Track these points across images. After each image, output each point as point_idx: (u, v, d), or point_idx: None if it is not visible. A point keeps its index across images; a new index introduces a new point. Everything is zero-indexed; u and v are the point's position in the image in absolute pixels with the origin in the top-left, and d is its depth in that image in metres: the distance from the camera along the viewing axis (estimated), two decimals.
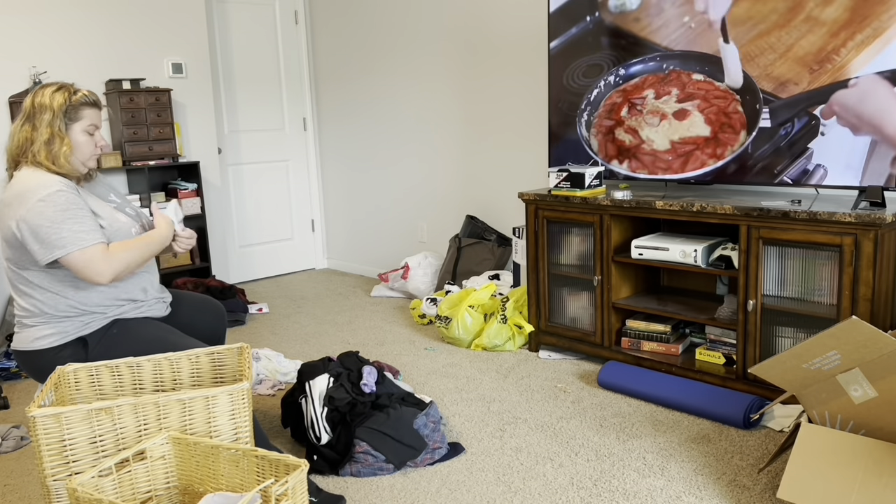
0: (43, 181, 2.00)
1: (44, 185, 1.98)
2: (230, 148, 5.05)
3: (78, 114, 2.08)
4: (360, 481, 2.31)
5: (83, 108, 2.09)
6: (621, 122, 3.15)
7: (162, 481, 1.70)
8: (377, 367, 2.61)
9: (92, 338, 2.07)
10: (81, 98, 2.08)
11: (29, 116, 2.06)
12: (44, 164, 2.03)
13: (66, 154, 2.05)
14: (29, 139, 2.04)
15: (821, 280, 2.54)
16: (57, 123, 2.04)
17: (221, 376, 2.02)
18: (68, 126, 2.06)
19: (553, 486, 2.24)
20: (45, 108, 2.04)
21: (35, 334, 2.05)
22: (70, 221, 1.96)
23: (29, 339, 2.05)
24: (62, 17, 4.10)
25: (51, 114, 2.04)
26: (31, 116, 2.06)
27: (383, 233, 5.12)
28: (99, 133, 2.14)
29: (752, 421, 2.55)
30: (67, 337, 2.05)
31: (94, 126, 2.12)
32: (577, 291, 3.27)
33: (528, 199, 3.31)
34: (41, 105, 2.05)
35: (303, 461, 1.55)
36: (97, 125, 2.13)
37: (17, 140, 2.06)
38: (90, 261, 1.96)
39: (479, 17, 4.16)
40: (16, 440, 2.64)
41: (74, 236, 1.95)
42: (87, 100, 2.10)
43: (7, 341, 3.59)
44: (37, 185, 1.98)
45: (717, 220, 2.72)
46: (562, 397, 2.91)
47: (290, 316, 4.30)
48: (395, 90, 4.79)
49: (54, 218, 1.95)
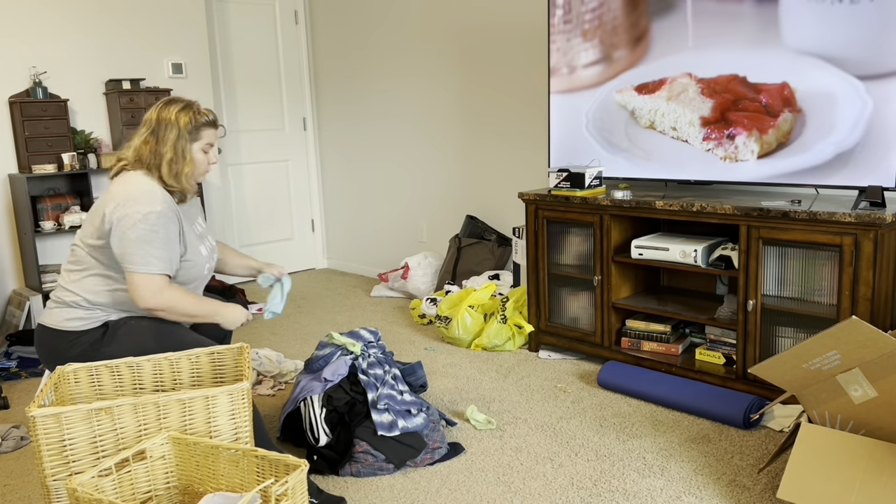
0: (151, 192, 2.05)
1: (149, 198, 2.04)
2: (230, 148, 5.05)
3: (199, 133, 2.14)
4: (360, 481, 2.31)
5: (204, 129, 2.14)
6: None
7: (162, 481, 1.70)
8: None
9: (114, 324, 2.12)
10: (203, 118, 2.14)
11: (153, 131, 2.11)
12: (164, 181, 2.10)
13: (188, 174, 2.12)
14: (153, 153, 2.10)
15: (821, 280, 2.54)
16: (181, 144, 2.10)
17: (221, 376, 2.02)
18: (191, 146, 2.12)
19: (553, 486, 2.24)
20: (171, 125, 2.09)
21: (69, 314, 2.09)
22: (151, 245, 2.01)
23: (61, 319, 2.10)
24: (62, 17, 4.10)
25: (176, 132, 2.09)
26: (156, 131, 2.11)
27: (383, 233, 5.12)
28: (213, 150, 2.20)
29: (752, 421, 2.55)
30: (94, 323, 2.10)
31: (209, 145, 2.17)
32: (577, 291, 3.27)
33: (528, 199, 3.31)
34: (167, 121, 2.10)
35: (303, 461, 1.55)
36: (212, 143, 2.19)
37: (140, 151, 2.11)
38: (145, 286, 2.02)
39: (478, 16, 4.16)
40: (16, 440, 2.64)
41: (146, 259, 2.01)
42: (208, 119, 2.16)
43: (7, 341, 3.59)
44: (144, 195, 2.04)
45: (717, 220, 2.72)
46: (562, 397, 2.91)
47: (290, 316, 4.30)
48: (395, 90, 4.79)
49: (140, 236, 2.00)
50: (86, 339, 2.09)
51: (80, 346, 2.08)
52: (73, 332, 2.09)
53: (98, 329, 2.10)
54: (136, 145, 2.13)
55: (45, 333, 2.13)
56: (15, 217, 3.99)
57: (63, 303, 2.12)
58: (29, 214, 3.78)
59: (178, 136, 2.10)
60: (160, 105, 2.14)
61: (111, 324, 2.11)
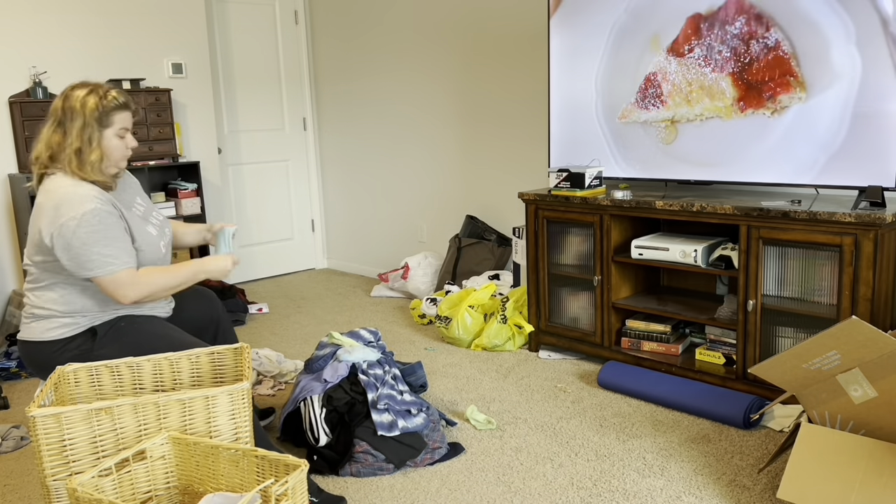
0: (79, 194, 1.97)
1: (79, 200, 1.95)
2: (230, 148, 5.05)
3: (109, 119, 2.04)
4: (360, 481, 2.31)
5: (114, 113, 2.04)
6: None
7: (162, 481, 1.70)
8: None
9: (101, 328, 2.09)
10: (112, 102, 2.04)
11: (59, 121, 2.02)
12: (76, 174, 2.01)
13: (95, 163, 2.02)
14: (60, 145, 2.01)
15: (821, 280, 2.54)
16: (88, 132, 2.00)
17: (221, 376, 2.02)
18: (101, 133, 2.03)
19: (553, 486, 2.24)
20: (77, 113, 2.00)
21: (47, 325, 2.06)
22: (100, 244, 1.95)
23: (40, 331, 2.07)
24: (62, 17, 4.10)
25: (82, 120, 2.00)
26: (62, 122, 2.02)
27: (383, 233, 5.12)
28: (129, 135, 2.11)
29: (752, 421, 2.55)
30: (78, 329, 2.07)
31: (125, 129, 2.08)
32: (577, 291, 3.27)
33: (528, 199, 3.31)
34: (72, 109, 2.00)
35: (303, 461, 1.55)
36: (128, 128, 2.09)
37: (49, 144, 2.03)
38: (117, 285, 1.98)
39: (479, 16, 4.16)
40: (16, 440, 2.64)
41: (103, 260, 1.96)
42: (118, 103, 2.05)
43: (7, 341, 3.59)
44: (72, 198, 1.96)
45: (717, 220, 2.72)
46: (562, 397, 2.91)
47: (290, 316, 4.30)
48: (396, 90, 4.79)
49: (86, 240, 1.94)
50: (74, 346, 2.06)
51: (69, 352, 2.05)
52: (57, 340, 2.05)
53: (85, 334, 2.07)
54: (46, 138, 2.03)
55: (29, 348, 2.09)
56: (15, 217, 3.99)
57: (36, 316, 2.08)
58: (29, 214, 3.77)
59: (83, 125, 2.00)
60: (65, 91, 2.04)
61: (98, 328, 2.08)
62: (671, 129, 3.00)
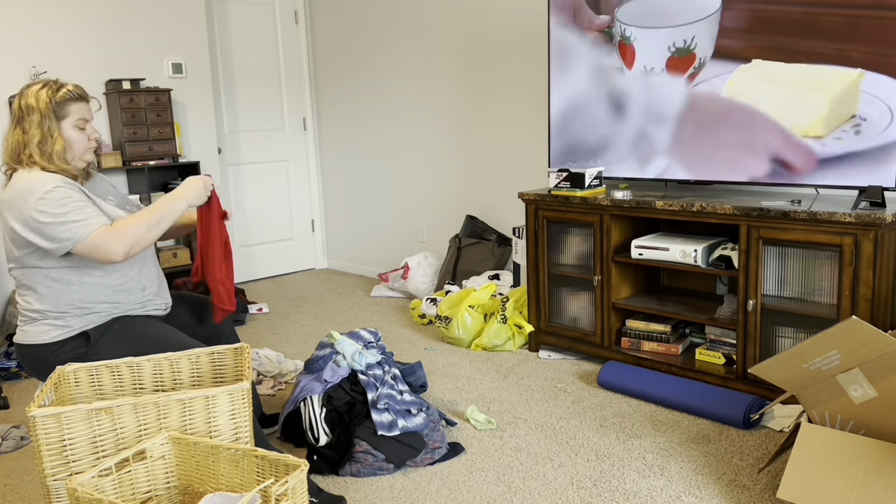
0: (41, 179, 2.00)
1: (42, 184, 1.99)
2: (230, 148, 5.05)
3: (65, 110, 2.07)
4: (359, 481, 2.31)
5: (69, 104, 2.08)
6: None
7: (162, 481, 1.70)
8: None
9: (95, 332, 2.09)
10: (66, 94, 2.07)
11: (18, 120, 2.06)
12: (39, 164, 2.04)
13: (59, 152, 2.05)
14: (21, 142, 2.04)
15: (821, 280, 2.54)
16: (46, 123, 2.04)
17: (221, 376, 2.02)
18: (58, 124, 2.06)
19: (553, 486, 2.24)
20: (33, 109, 2.04)
21: (40, 328, 2.07)
22: (70, 214, 1.97)
23: (35, 334, 2.08)
24: (62, 17, 4.10)
25: (38, 114, 2.03)
26: (21, 119, 2.05)
27: (383, 233, 5.12)
28: (90, 126, 2.13)
29: (752, 421, 2.55)
30: (71, 332, 2.07)
31: (83, 120, 2.11)
32: (577, 291, 3.27)
33: (528, 199, 3.31)
34: (28, 106, 2.04)
35: (303, 461, 1.55)
36: (87, 118, 2.12)
37: (11, 144, 2.06)
38: (98, 244, 1.97)
39: (479, 16, 4.16)
40: (16, 440, 2.64)
41: (77, 226, 1.97)
42: (73, 94, 2.08)
43: (7, 341, 3.59)
44: (35, 184, 1.99)
45: (717, 220, 2.72)
46: (562, 397, 2.91)
47: (290, 316, 4.30)
48: (395, 90, 4.79)
49: (55, 214, 1.96)
50: (68, 349, 2.07)
51: (64, 354, 2.06)
52: (52, 343, 2.07)
53: (78, 338, 2.08)
54: (7, 140, 2.07)
55: (26, 351, 2.10)
56: None
57: (30, 319, 2.09)
58: None
59: (41, 118, 2.03)
60: (21, 91, 2.08)
61: (91, 333, 2.09)
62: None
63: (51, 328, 2.07)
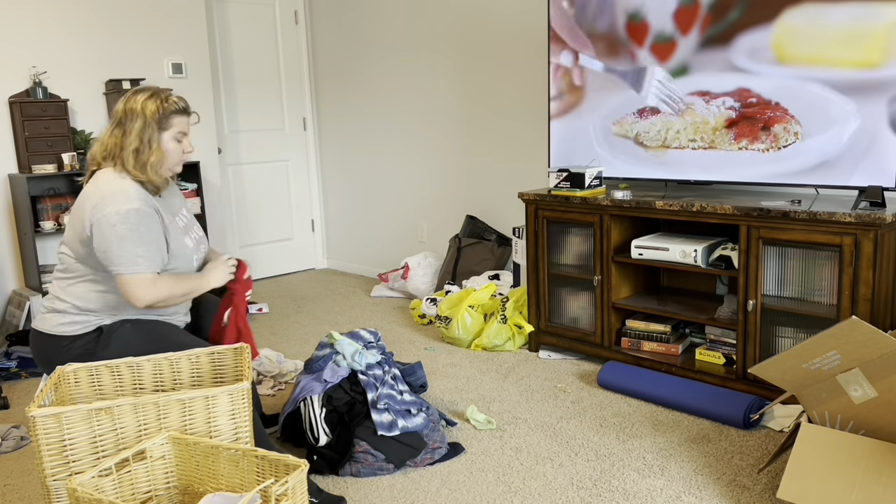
0: (125, 190, 2.01)
1: (124, 197, 1.99)
2: (230, 148, 5.05)
3: (168, 122, 2.08)
4: (359, 481, 2.31)
5: (173, 116, 2.09)
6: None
7: (162, 481, 1.70)
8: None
9: (108, 328, 2.11)
10: (172, 106, 2.08)
11: (120, 122, 2.06)
12: (131, 172, 2.05)
13: (154, 163, 2.06)
14: (118, 145, 2.05)
15: (821, 280, 2.54)
16: (148, 133, 2.05)
17: (221, 376, 2.02)
18: (159, 135, 2.07)
19: (553, 486, 2.24)
20: (137, 115, 2.04)
21: (61, 319, 2.08)
22: (134, 244, 1.98)
23: (53, 325, 2.09)
24: (62, 17, 4.10)
25: (142, 122, 2.04)
26: (122, 122, 2.06)
27: (383, 233, 5.12)
28: (187, 139, 2.15)
29: (752, 421, 2.55)
30: (87, 328, 2.09)
31: (182, 133, 2.12)
32: (577, 291, 3.27)
33: (528, 199, 3.31)
34: (132, 111, 2.05)
35: (303, 461, 1.55)
36: (185, 132, 2.13)
37: (107, 145, 2.07)
38: (135, 286, 1.99)
39: (479, 17, 4.16)
40: (16, 440, 2.64)
41: (131, 259, 1.98)
42: (178, 107, 2.10)
43: (7, 341, 3.59)
44: (118, 193, 2.00)
45: (717, 220, 2.72)
46: (562, 397, 2.91)
47: (290, 316, 4.30)
48: (395, 90, 4.79)
49: (122, 235, 1.97)
50: (80, 344, 2.08)
51: (75, 350, 2.07)
52: (66, 336, 2.08)
53: (92, 333, 2.09)
54: (104, 140, 2.08)
55: (39, 338, 2.12)
56: (15, 217, 3.99)
57: (53, 309, 2.11)
58: (29, 214, 3.78)
59: (144, 125, 2.04)
60: (127, 95, 2.08)
61: (105, 328, 2.10)
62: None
63: (70, 322, 2.08)
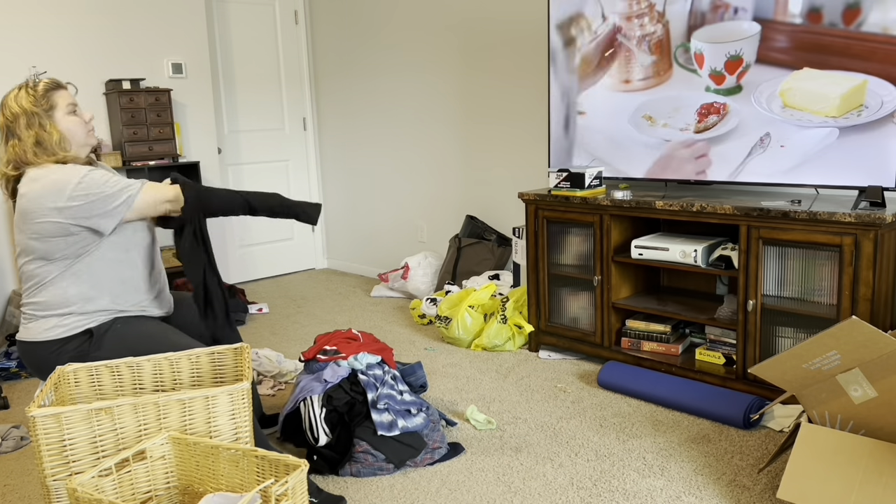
0: (66, 170, 2.00)
1: (73, 172, 1.99)
2: (230, 148, 5.05)
3: (49, 101, 2.06)
4: (359, 481, 2.31)
5: (51, 94, 2.07)
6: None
7: (162, 481, 1.70)
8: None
9: (97, 330, 2.09)
10: (44, 88, 2.06)
11: (9, 131, 2.04)
12: (47, 164, 2.03)
13: (59, 141, 2.04)
14: (22, 150, 2.02)
15: (821, 280, 2.54)
16: (36, 121, 2.03)
17: (221, 376, 2.02)
18: (49, 116, 2.05)
19: (553, 486, 2.24)
20: (17, 114, 2.03)
21: (44, 325, 2.07)
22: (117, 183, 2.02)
23: (37, 331, 2.08)
24: (62, 17, 4.10)
25: (25, 117, 2.02)
26: (11, 130, 2.04)
27: (383, 233, 5.12)
28: (80, 109, 2.13)
29: (752, 421, 2.55)
30: (74, 329, 2.08)
31: (72, 105, 2.10)
32: (577, 291, 3.27)
33: (528, 199, 3.31)
34: (12, 114, 2.03)
35: (303, 461, 1.55)
36: (74, 103, 2.11)
37: (10, 157, 2.04)
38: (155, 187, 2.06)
39: (479, 17, 4.16)
40: (16, 440, 2.64)
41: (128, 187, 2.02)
42: (50, 86, 2.08)
43: (7, 341, 3.59)
44: (64, 175, 1.99)
45: (717, 220, 2.72)
46: (562, 397, 2.91)
47: (290, 316, 4.30)
48: (395, 90, 4.79)
49: (102, 186, 1.99)
50: (72, 347, 2.07)
51: (66, 353, 2.06)
52: (55, 340, 2.06)
53: (81, 335, 2.08)
54: (8, 154, 2.04)
55: (28, 349, 2.10)
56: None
57: (34, 317, 2.09)
58: None
59: (28, 119, 2.02)
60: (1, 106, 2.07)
61: (95, 330, 2.09)
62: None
63: (54, 325, 2.06)
